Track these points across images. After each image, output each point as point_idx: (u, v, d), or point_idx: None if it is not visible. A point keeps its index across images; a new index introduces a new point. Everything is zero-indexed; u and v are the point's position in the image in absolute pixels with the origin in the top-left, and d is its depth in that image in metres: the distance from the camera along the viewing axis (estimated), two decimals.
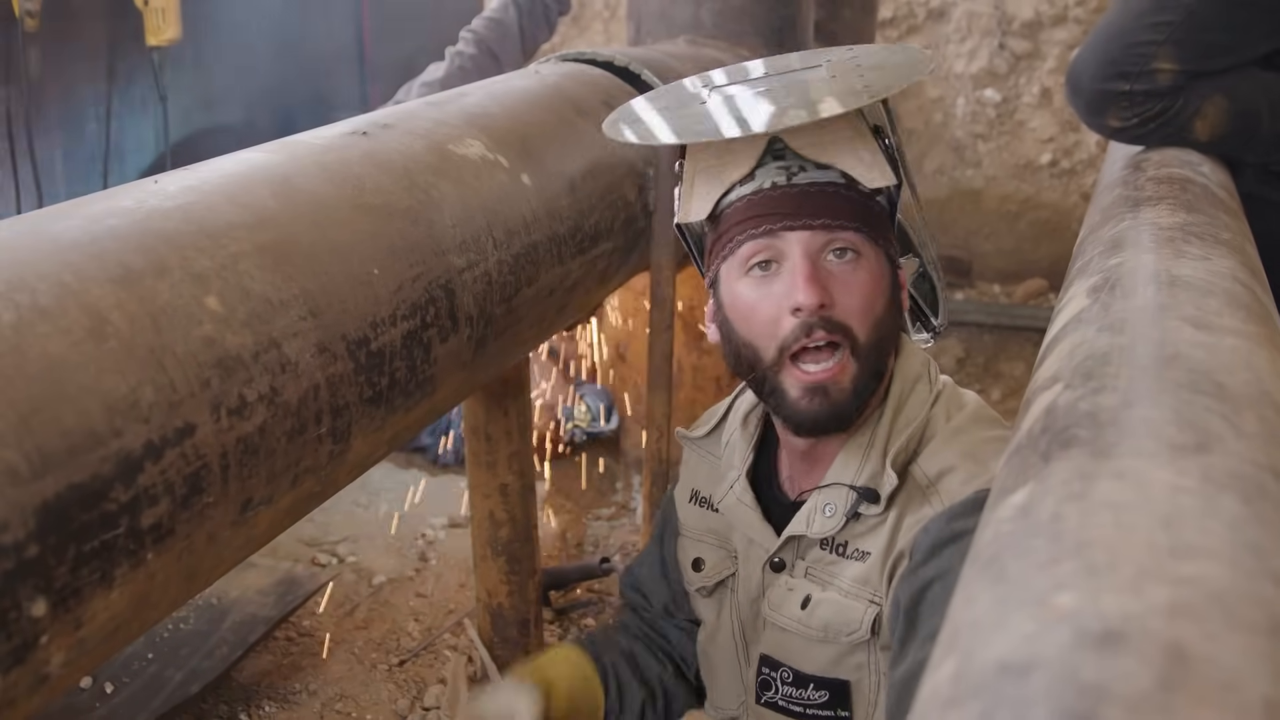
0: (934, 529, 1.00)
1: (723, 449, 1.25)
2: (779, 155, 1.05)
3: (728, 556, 1.23)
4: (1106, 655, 0.40)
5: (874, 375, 1.07)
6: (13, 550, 0.73)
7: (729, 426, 1.26)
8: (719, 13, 2.55)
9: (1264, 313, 0.88)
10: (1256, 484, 0.52)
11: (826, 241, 1.04)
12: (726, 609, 1.23)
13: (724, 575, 1.23)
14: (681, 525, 1.29)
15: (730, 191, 1.07)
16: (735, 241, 1.06)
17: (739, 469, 1.20)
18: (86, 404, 0.80)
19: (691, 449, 1.29)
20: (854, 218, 1.04)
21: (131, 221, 0.97)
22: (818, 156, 1.05)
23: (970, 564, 0.56)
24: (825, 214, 1.03)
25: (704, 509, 1.26)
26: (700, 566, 1.25)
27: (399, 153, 1.32)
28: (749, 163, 1.06)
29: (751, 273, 1.06)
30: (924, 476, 1.06)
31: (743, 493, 1.18)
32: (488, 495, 1.99)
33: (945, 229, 5.00)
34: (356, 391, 1.10)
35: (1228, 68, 1.58)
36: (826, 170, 1.05)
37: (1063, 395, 0.69)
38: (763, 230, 1.04)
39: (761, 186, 1.05)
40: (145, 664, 2.19)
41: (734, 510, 1.19)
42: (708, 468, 1.27)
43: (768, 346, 1.05)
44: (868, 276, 1.05)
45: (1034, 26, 4.73)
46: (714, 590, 1.24)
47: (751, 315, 1.06)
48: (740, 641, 1.21)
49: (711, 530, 1.25)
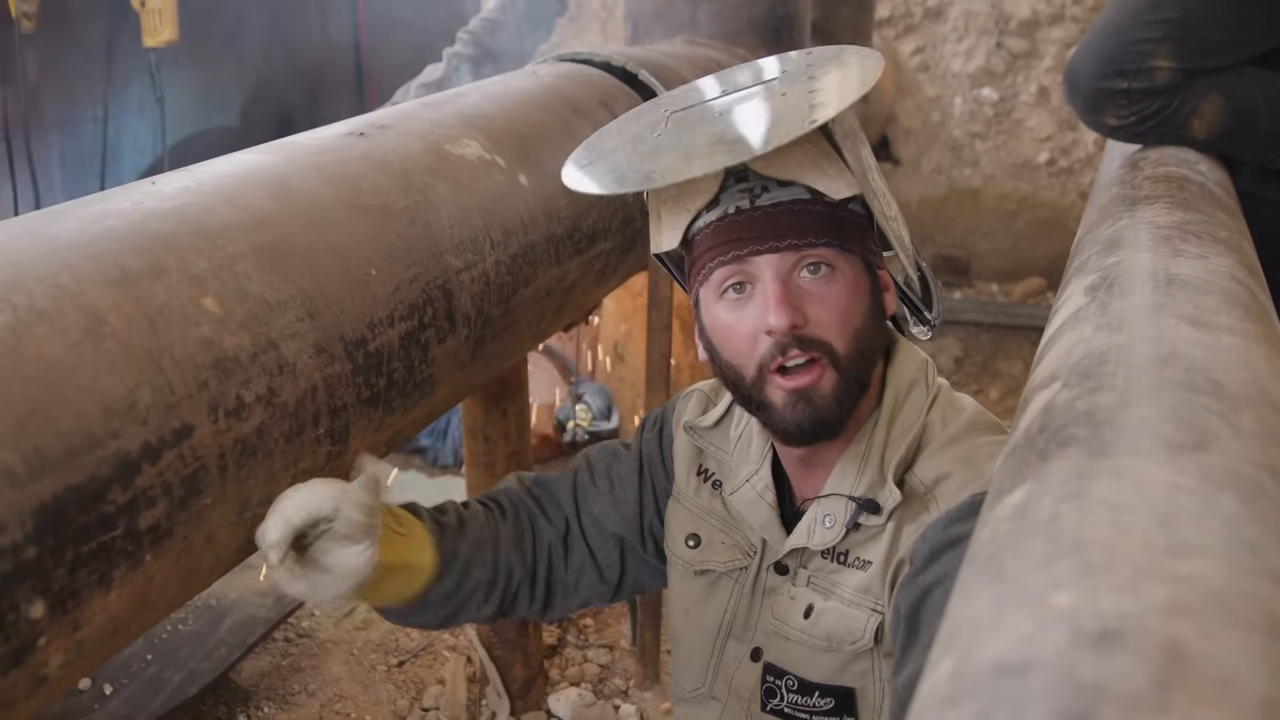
0: (932, 535, 1.00)
1: (732, 444, 1.23)
2: (741, 177, 1.04)
3: (737, 548, 1.20)
4: (1104, 654, 0.40)
5: (857, 384, 1.06)
6: (10, 552, 0.73)
7: (736, 421, 1.24)
8: (716, 13, 2.55)
9: (1261, 311, 0.88)
10: (1254, 483, 0.52)
11: (797, 260, 1.03)
12: (722, 596, 1.21)
13: (731, 568, 1.20)
14: (678, 491, 1.27)
15: (698, 218, 1.06)
16: (707, 269, 1.06)
17: (756, 464, 1.18)
18: (84, 405, 0.80)
19: (695, 438, 1.27)
20: (823, 233, 1.03)
21: (129, 223, 0.97)
22: (779, 174, 1.03)
23: (968, 563, 0.56)
24: (792, 233, 1.02)
25: (714, 490, 1.24)
26: (693, 543, 1.23)
27: (396, 153, 1.32)
28: (711, 189, 1.05)
29: (726, 295, 1.06)
30: (921, 484, 1.06)
31: (765, 490, 1.17)
32: None
33: (943, 228, 5.01)
34: (354, 392, 1.10)
35: (1225, 66, 1.58)
36: (790, 187, 1.04)
37: (1060, 394, 0.69)
38: (731, 257, 1.04)
39: (727, 211, 1.04)
40: (144, 665, 2.19)
41: (753, 506, 1.17)
42: (714, 458, 1.25)
43: (747, 365, 1.05)
44: (843, 289, 1.04)
45: (1031, 25, 4.73)
46: (705, 573, 1.22)
47: (730, 337, 1.06)
48: (726, 632, 1.20)
49: (718, 515, 1.22)
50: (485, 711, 2.21)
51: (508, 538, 1.27)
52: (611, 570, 1.31)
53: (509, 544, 1.26)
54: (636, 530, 1.30)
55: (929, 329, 1.22)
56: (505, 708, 2.18)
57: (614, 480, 1.31)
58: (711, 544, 1.23)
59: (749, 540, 1.19)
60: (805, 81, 1.06)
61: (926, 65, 4.92)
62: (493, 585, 1.25)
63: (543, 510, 1.31)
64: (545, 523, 1.30)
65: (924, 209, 4.98)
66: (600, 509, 1.30)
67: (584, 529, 1.30)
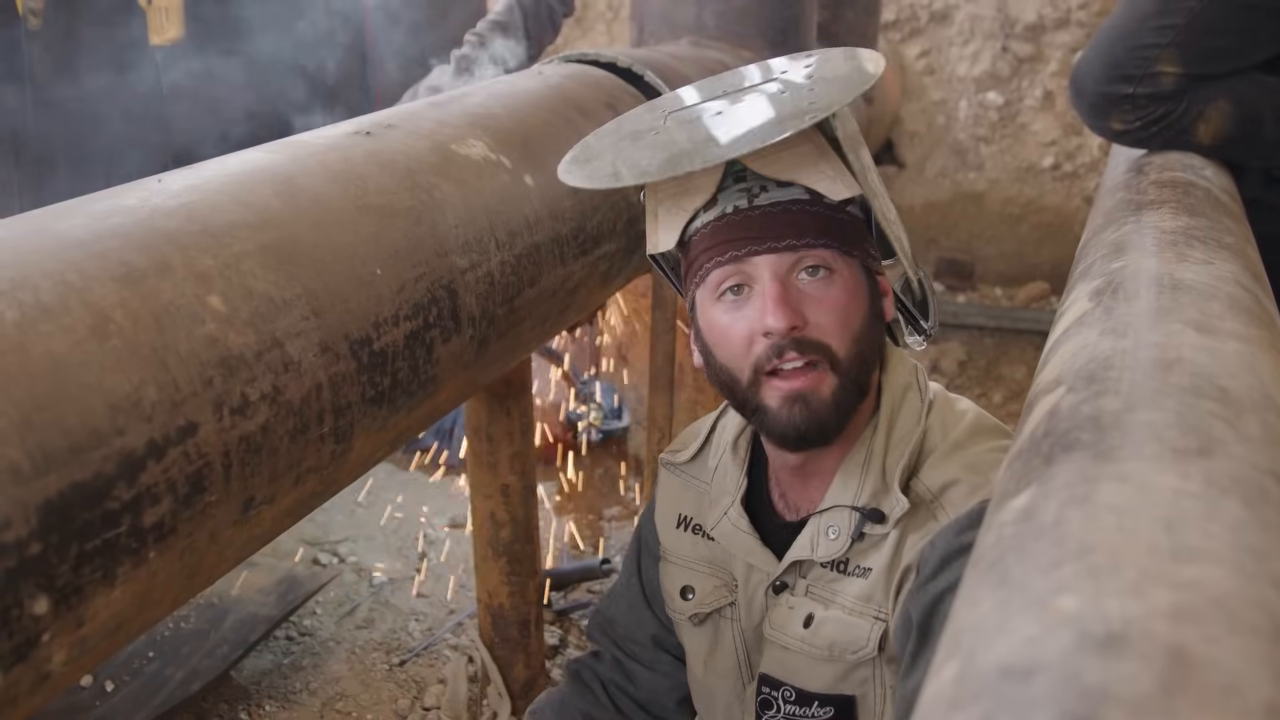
0: (941, 542, 0.99)
1: (710, 474, 1.22)
2: (739, 177, 1.03)
3: (723, 585, 1.20)
4: (1108, 658, 0.40)
5: (856, 389, 1.05)
6: (15, 548, 0.73)
7: (714, 450, 1.23)
8: (722, 14, 2.55)
9: (1267, 317, 0.88)
10: (1258, 488, 0.52)
11: (796, 261, 1.02)
12: (727, 636, 1.20)
13: (719, 604, 1.20)
14: (666, 551, 1.26)
15: (695, 218, 1.06)
16: (705, 269, 1.05)
17: (733, 494, 1.18)
18: (89, 402, 0.80)
19: (674, 474, 1.27)
20: (822, 234, 1.02)
21: (135, 220, 0.97)
22: (778, 174, 1.03)
23: (973, 567, 0.56)
24: (791, 234, 1.02)
25: (696, 536, 1.23)
26: (689, 595, 1.23)
27: (402, 153, 1.32)
28: (709, 188, 1.04)
29: (724, 298, 1.05)
30: (927, 491, 1.05)
31: (738, 518, 1.16)
32: (489, 496, 2.00)
33: (947, 232, 5.00)
34: (359, 391, 1.10)
35: (1231, 71, 1.58)
36: (789, 188, 1.03)
37: (1065, 399, 0.69)
38: (728, 257, 1.03)
39: (724, 211, 1.03)
40: (146, 662, 2.19)
41: (731, 537, 1.17)
42: (695, 493, 1.24)
43: (742, 368, 1.04)
44: (842, 292, 1.03)
45: (1037, 29, 4.73)
46: (706, 619, 1.22)
47: (726, 339, 1.05)
48: (745, 666, 1.20)
49: (704, 558, 1.22)
50: (486, 711, 2.21)
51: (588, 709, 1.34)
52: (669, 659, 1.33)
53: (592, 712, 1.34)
54: (652, 615, 1.31)
55: (924, 339, 1.21)
56: (506, 708, 2.18)
57: (622, 588, 1.35)
58: (703, 589, 1.22)
59: (732, 574, 1.19)
60: (804, 81, 1.06)
61: (932, 69, 4.92)
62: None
63: (597, 660, 1.37)
64: (603, 669, 1.36)
65: (928, 212, 4.98)
66: (625, 626, 1.34)
67: (626, 651, 1.35)
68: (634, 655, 1.33)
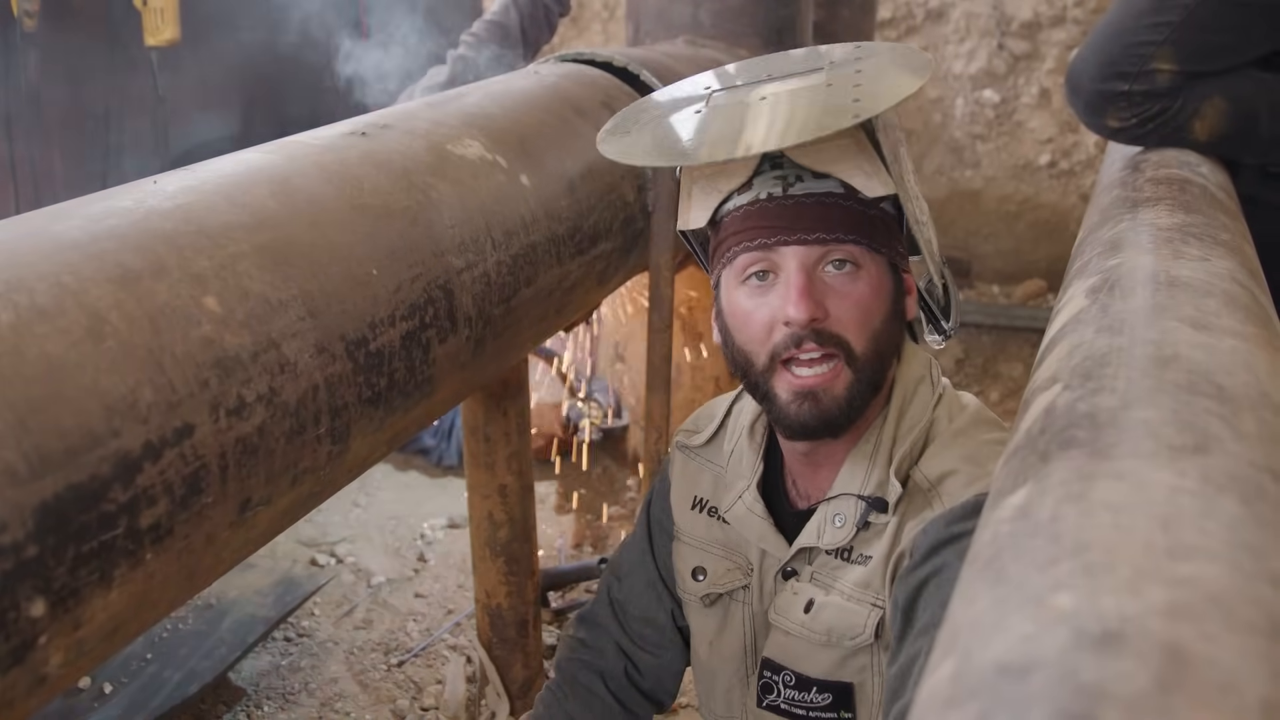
0: (933, 530, 1.00)
1: (726, 458, 1.23)
2: (776, 164, 1.04)
3: (736, 568, 1.20)
4: (1105, 656, 0.40)
5: (871, 386, 1.05)
6: (11, 550, 0.73)
7: (730, 434, 1.24)
8: (718, 13, 2.55)
9: (1263, 314, 0.88)
10: (1255, 485, 0.52)
11: (823, 254, 1.03)
12: (736, 619, 1.21)
13: (732, 587, 1.21)
14: (679, 531, 1.27)
15: (728, 200, 1.06)
16: (732, 252, 1.05)
17: (748, 479, 1.18)
18: (85, 404, 0.80)
19: (690, 458, 1.27)
20: (852, 229, 1.03)
21: (130, 222, 0.97)
22: (815, 165, 1.03)
23: (969, 564, 0.56)
24: (821, 227, 1.02)
25: (710, 518, 1.24)
26: (701, 575, 1.23)
27: (398, 153, 1.32)
28: (745, 172, 1.05)
29: (748, 282, 1.05)
30: (925, 480, 1.06)
31: (753, 503, 1.17)
32: (486, 496, 1.99)
33: (944, 230, 5.00)
34: (355, 392, 1.10)
35: (1227, 68, 1.58)
36: (825, 179, 1.03)
37: (1061, 396, 0.69)
38: (757, 244, 1.03)
39: (758, 197, 1.04)
40: (144, 664, 2.19)
41: (745, 521, 1.17)
42: (710, 476, 1.25)
43: (759, 353, 1.05)
44: (866, 288, 1.04)
45: (1033, 27, 4.73)
46: (717, 600, 1.22)
47: (747, 323, 1.06)
48: (751, 650, 1.20)
49: (718, 540, 1.23)
50: (485, 711, 2.21)
51: (582, 712, 1.33)
52: (679, 640, 1.33)
53: (587, 715, 1.32)
54: (669, 593, 1.31)
55: (943, 338, 1.22)
56: (505, 708, 2.18)
57: (635, 567, 1.34)
58: (716, 571, 1.23)
59: (747, 558, 1.20)
60: (852, 75, 1.06)
61: None
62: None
63: (597, 655, 1.35)
64: (606, 663, 1.35)
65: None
66: (640, 606, 1.33)
67: (636, 637, 1.34)
68: (643, 639, 1.34)
